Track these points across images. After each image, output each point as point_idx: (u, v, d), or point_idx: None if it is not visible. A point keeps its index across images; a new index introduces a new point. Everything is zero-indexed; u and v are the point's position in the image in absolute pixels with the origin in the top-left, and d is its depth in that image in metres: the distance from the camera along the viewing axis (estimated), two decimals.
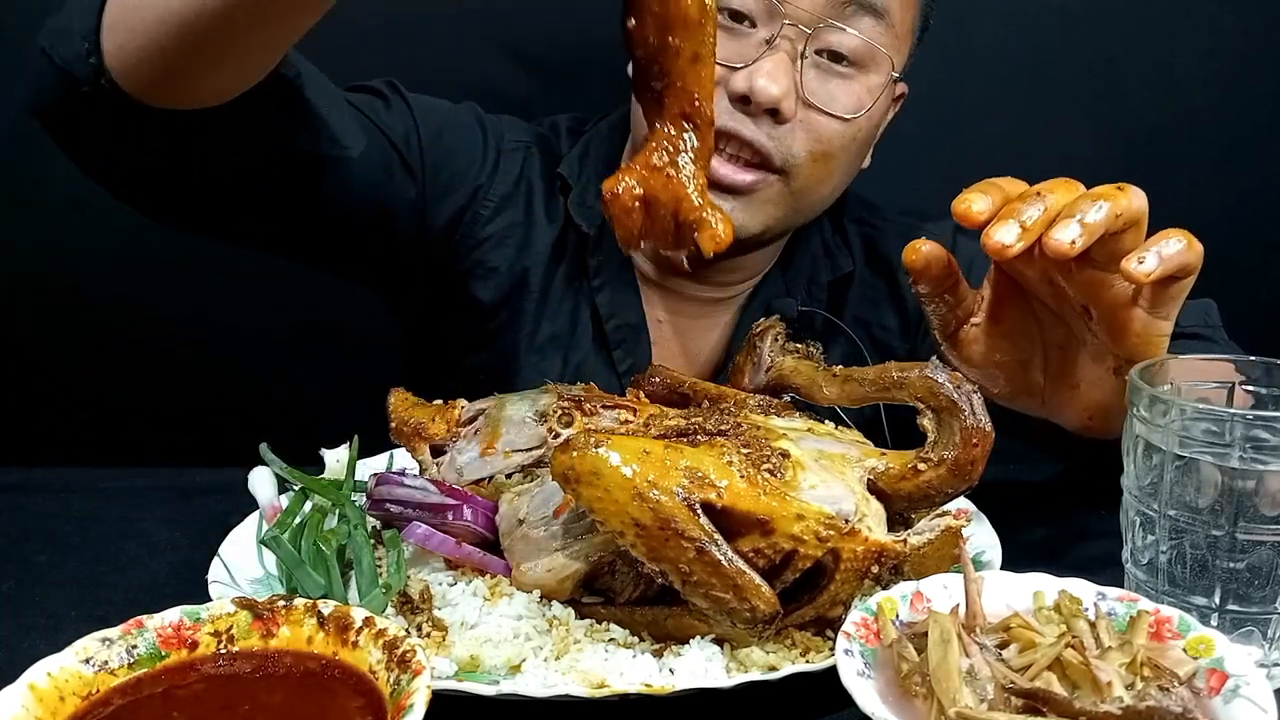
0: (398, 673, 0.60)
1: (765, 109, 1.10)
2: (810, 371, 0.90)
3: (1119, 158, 1.74)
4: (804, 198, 1.18)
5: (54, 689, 0.59)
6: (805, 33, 1.10)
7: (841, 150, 1.16)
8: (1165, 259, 0.76)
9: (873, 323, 1.32)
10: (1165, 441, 0.72)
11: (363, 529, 0.86)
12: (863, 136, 1.18)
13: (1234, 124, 1.74)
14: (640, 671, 0.72)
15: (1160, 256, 0.76)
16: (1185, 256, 0.77)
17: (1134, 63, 1.71)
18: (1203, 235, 0.78)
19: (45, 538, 0.94)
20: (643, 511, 0.69)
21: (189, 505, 0.97)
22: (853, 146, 1.18)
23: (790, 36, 1.10)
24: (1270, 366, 0.78)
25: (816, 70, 1.13)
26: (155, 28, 0.86)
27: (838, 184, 1.22)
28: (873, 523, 0.75)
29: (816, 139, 1.13)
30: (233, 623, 0.65)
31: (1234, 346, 1.18)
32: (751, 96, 1.09)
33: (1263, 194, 1.77)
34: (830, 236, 1.34)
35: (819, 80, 1.13)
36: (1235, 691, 0.60)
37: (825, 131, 1.14)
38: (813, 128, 1.13)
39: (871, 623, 0.67)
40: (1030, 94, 1.71)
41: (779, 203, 1.16)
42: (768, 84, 1.08)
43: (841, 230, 1.35)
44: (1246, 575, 0.71)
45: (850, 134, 1.16)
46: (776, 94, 1.08)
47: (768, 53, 1.10)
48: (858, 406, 0.88)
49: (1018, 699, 0.58)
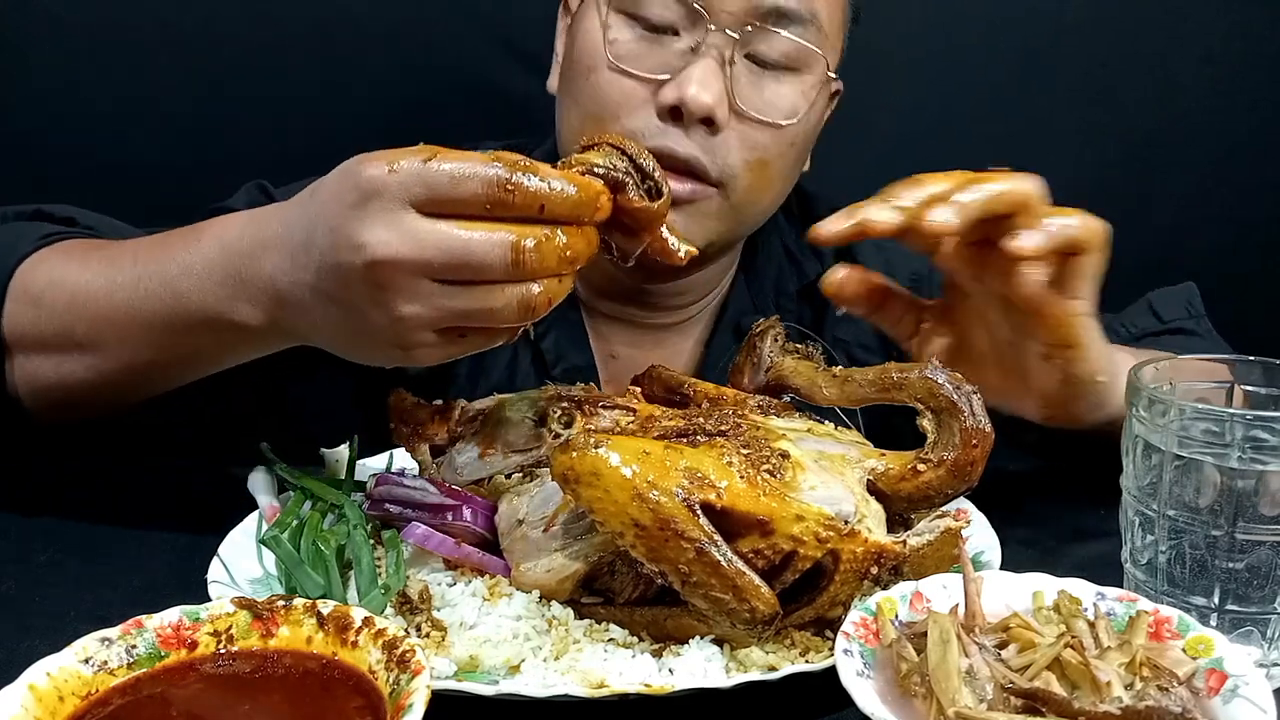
0: (397, 673, 0.60)
1: (699, 119, 1.03)
2: (810, 372, 0.90)
3: (1115, 162, 1.74)
4: (745, 210, 1.12)
5: (53, 689, 0.59)
6: (732, 38, 1.04)
7: (779, 157, 1.11)
8: (1050, 235, 0.79)
9: (852, 342, 1.27)
10: (1164, 441, 0.73)
11: (362, 529, 0.86)
12: (800, 141, 1.13)
13: (1230, 129, 1.75)
14: (640, 671, 0.72)
15: (1044, 233, 0.79)
16: (1073, 232, 0.80)
17: (1129, 68, 1.71)
18: (1199, 239, 0.79)
19: (45, 538, 0.94)
20: (642, 512, 0.69)
21: (189, 505, 0.97)
22: (791, 153, 1.12)
23: (717, 44, 1.04)
24: (1269, 366, 0.78)
25: (748, 75, 1.07)
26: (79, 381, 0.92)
27: (779, 192, 1.16)
28: (872, 524, 0.75)
29: (751, 147, 1.07)
30: (232, 623, 0.65)
31: (1218, 337, 1.19)
32: (683, 107, 1.02)
33: (1259, 198, 1.77)
34: (794, 242, 1.30)
35: (751, 86, 1.07)
36: (1234, 691, 0.60)
37: (761, 139, 1.08)
38: (747, 137, 1.07)
39: (871, 623, 0.67)
40: (1025, 99, 1.72)
41: (720, 216, 1.10)
42: (699, 91, 1.01)
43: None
44: (1246, 575, 0.71)
45: (787, 140, 1.10)
46: (709, 102, 1.01)
47: (695, 60, 1.03)
48: (857, 407, 0.88)
49: (1017, 699, 0.58)
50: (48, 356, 0.94)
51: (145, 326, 0.87)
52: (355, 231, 0.71)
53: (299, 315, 0.78)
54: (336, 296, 0.74)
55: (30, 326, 0.93)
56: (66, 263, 0.94)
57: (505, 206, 0.70)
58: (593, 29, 1.07)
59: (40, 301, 0.93)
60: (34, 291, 0.93)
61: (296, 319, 0.79)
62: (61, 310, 0.92)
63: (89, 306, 0.90)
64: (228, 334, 0.84)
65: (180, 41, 1.59)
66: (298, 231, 0.76)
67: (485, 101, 1.42)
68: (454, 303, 0.72)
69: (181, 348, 0.88)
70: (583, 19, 1.11)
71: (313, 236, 0.74)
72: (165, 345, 0.88)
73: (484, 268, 0.71)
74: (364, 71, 1.59)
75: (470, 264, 0.70)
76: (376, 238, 0.70)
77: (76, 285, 0.91)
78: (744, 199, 1.10)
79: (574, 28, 1.12)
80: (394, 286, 0.71)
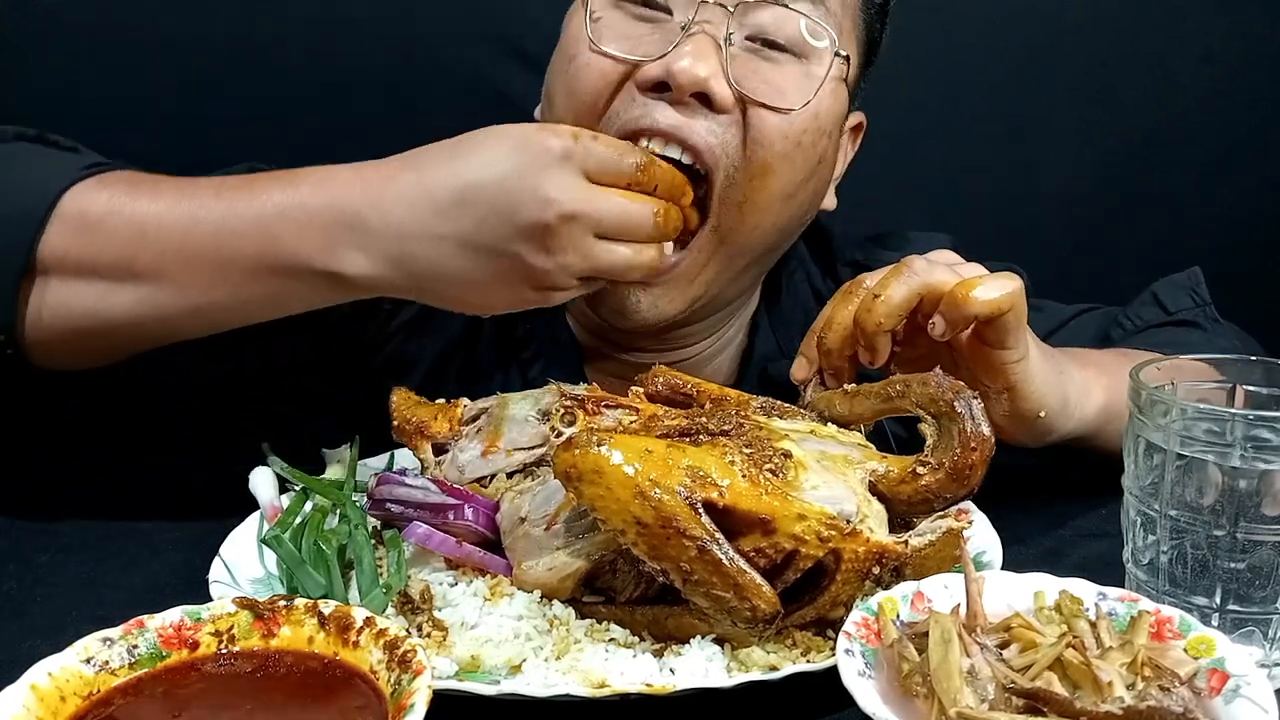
0: (398, 673, 0.60)
1: (691, 93, 0.94)
2: (828, 395, 0.90)
3: (1114, 162, 1.74)
4: (735, 235, 1.01)
5: (55, 689, 0.59)
6: (728, 12, 0.95)
7: (783, 160, 0.99)
8: (965, 318, 0.85)
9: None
10: (1166, 441, 0.73)
11: (363, 529, 0.86)
12: (808, 142, 1.00)
13: (1230, 128, 1.75)
14: (641, 671, 0.72)
15: (960, 316, 0.84)
16: (980, 308, 0.84)
17: (1129, 67, 1.72)
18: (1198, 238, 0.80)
19: (45, 538, 0.94)
20: (644, 510, 0.69)
21: (189, 505, 0.97)
22: (798, 155, 1.00)
23: (711, 19, 0.95)
24: (1270, 366, 0.78)
25: (748, 57, 0.98)
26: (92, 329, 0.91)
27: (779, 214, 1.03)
28: (874, 524, 0.75)
29: (754, 138, 0.97)
30: (233, 623, 0.65)
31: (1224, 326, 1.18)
32: (670, 81, 0.94)
33: (1258, 198, 1.77)
34: (821, 282, 1.23)
35: (750, 68, 0.97)
36: (1236, 691, 0.60)
37: (764, 127, 0.97)
38: (749, 123, 0.97)
39: (872, 623, 0.67)
40: (1025, 99, 1.72)
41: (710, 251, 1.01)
42: (691, 64, 0.93)
43: (834, 275, 1.24)
44: (1247, 575, 0.71)
45: (794, 136, 0.99)
46: (702, 74, 0.93)
47: (685, 38, 0.95)
48: (869, 422, 0.87)
49: (1019, 699, 0.58)
50: (92, 284, 0.89)
51: (225, 266, 0.88)
52: (546, 189, 0.83)
53: (425, 265, 0.86)
54: (494, 247, 0.85)
55: (80, 251, 0.89)
56: (132, 192, 0.91)
57: (640, 184, 0.89)
58: (579, 13, 1.02)
59: (98, 227, 0.89)
60: (91, 217, 0.89)
61: (420, 269, 0.86)
62: (124, 238, 0.88)
63: (161, 237, 0.88)
64: (321, 281, 0.87)
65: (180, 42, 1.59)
66: (443, 189, 0.85)
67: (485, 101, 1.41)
68: (608, 256, 0.87)
69: (260, 290, 0.89)
70: (575, 11, 1.05)
71: (474, 193, 0.84)
72: (242, 286, 0.88)
73: (637, 228, 0.88)
74: (364, 71, 1.59)
75: (628, 225, 0.87)
76: (568, 195, 0.84)
77: (147, 215, 0.89)
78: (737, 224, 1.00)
79: (567, 18, 1.07)
80: (567, 237, 0.85)
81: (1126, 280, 1.31)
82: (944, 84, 1.68)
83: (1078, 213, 1.76)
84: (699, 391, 0.94)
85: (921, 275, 0.86)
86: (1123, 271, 1.37)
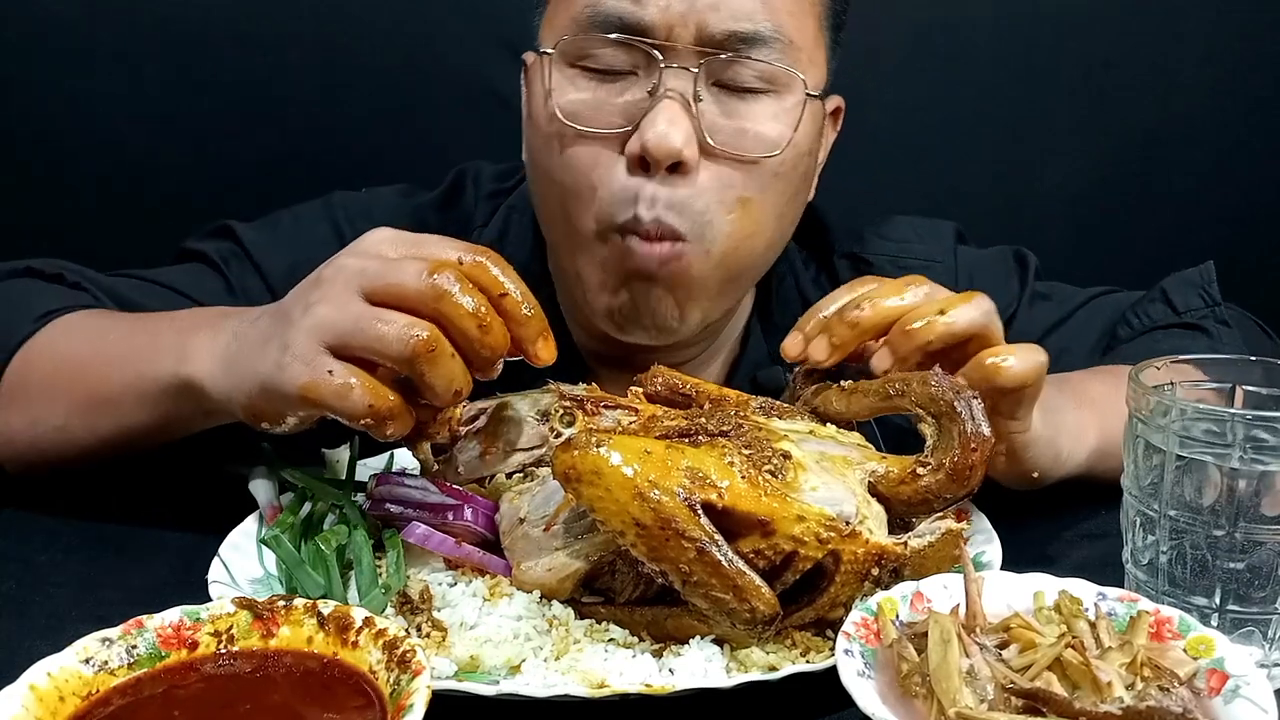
0: (397, 673, 0.60)
1: (665, 166, 0.96)
2: (823, 391, 0.90)
3: (1116, 162, 1.75)
4: (731, 260, 1.02)
5: (54, 689, 0.59)
6: (691, 73, 0.96)
7: (762, 192, 1.00)
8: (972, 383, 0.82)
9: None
10: (1166, 442, 0.73)
11: (363, 529, 0.86)
12: (787, 170, 1.02)
13: (1230, 128, 1.75)
14: (640, 671, 0.72)
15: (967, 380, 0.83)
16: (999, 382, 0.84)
17: (1131, 68, 1.72)
18: (1200, 239, 0.79)
19: (45, 538, 0.94)
20: (643, 511, 0.69)
21: (189, 505, 0.97)
22: (777, 185, 1.02)
23: (675, 84, 0.96)
24: (1270, 366, 0.78)
25: (718, 106, 0.98)
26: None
27: (773, 231, 1.05)
28: (873, 525, 0.75)
29: (728, 186, 0.99)
30: (233, 623, 0.65)
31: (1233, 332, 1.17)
32: (648, 156, 0.95)
33: (1260, 198, 1.77)
34: (813, 279, 1.23)
35: (723, 117, 0.98)
36: (1236, 692, 0.60)
37: (737, 176, 0.99)
38: (722, 175, 0.98)
39: (872, 623, 0.67)
40: (1026, 99, 1.72)
41: (702, 276, 1.01)
42: (663, 136, 0.94)
43: (830, 270, 1.23)
44: (1247, 575, 0.71)
45: (770, 171, 1.00)
46: (675, 145, 0.94)
47: (653, 102, 0.96)
48: (865, 419, 0.88)
49: (1018, 699, 0.58)
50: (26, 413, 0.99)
51: (111, 398, 0.94)
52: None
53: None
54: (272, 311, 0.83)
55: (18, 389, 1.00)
56: (68, 338, 1.00)
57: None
58: (542, 93, 1.02)
59: (34, 383, 0.98)
60: (31, 378, 0.99)
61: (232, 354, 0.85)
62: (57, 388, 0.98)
63: (74, 383, 0.96)
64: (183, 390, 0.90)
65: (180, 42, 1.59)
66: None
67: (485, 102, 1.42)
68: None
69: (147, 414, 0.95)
70: (533, 83, 1.05)
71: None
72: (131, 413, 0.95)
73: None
74: (364, 71, 1.59)
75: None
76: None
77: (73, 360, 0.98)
78: (728, 248, 1.01)
79: (528, 93, 1.07)
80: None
81: (1126, 281, 1.31)
82: (945, 84, 1.69)
83: (1078, 213, 1.76)
84: (698, 392, 0.94)
85: (986, 320, 0.86)
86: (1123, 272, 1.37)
